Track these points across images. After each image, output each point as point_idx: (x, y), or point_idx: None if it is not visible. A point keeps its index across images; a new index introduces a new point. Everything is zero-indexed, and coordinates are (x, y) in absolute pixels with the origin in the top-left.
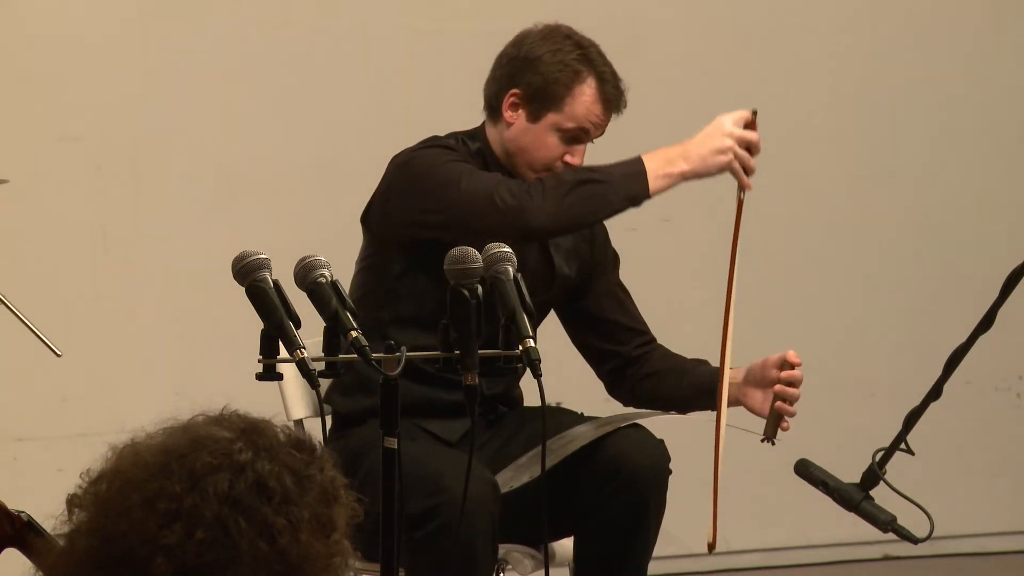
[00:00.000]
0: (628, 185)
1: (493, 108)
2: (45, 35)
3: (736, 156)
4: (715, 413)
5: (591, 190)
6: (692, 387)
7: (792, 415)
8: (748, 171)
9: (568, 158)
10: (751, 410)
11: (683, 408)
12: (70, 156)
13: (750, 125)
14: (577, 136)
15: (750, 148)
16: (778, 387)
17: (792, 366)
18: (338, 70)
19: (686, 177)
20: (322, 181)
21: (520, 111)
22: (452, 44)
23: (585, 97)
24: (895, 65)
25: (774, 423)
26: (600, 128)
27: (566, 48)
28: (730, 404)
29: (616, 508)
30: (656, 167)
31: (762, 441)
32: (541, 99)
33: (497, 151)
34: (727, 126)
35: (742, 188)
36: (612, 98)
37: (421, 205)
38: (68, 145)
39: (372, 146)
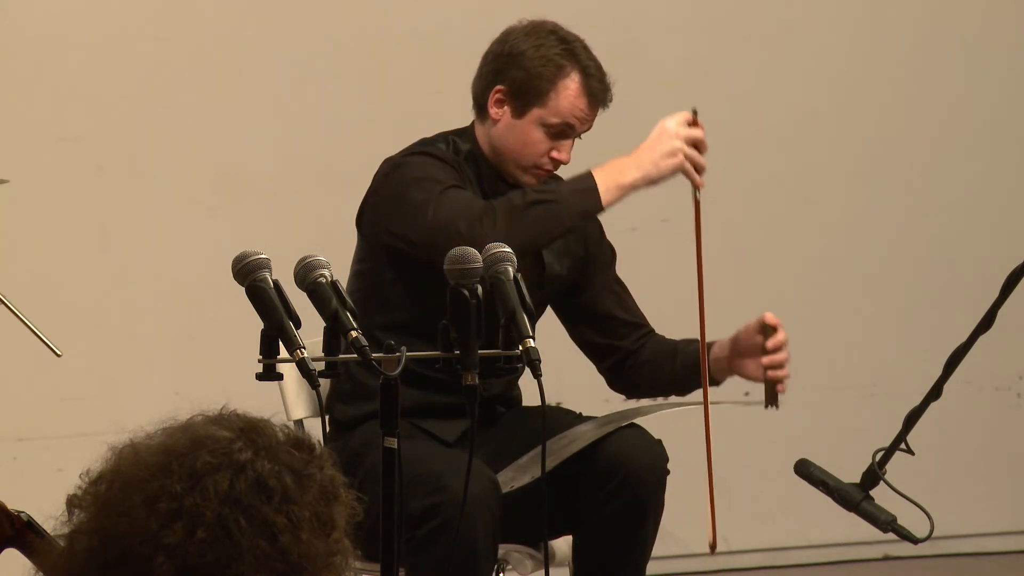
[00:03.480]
0: (580, 202)
1: (480, 106)
2: (45, 35)
3: (686, 156)
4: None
5: (543, 211)
6: (685, 367)
7: (786, 378)
8: (699, 169)
9: (555, 154)
10: (748, 378)
11: (682, 390)
12: (70, 156)
13: (693, 124)
14: (563, 131)
15: (698, 146)
16: (766, 359)
17: (774, 329)
18: (338, 70)
19: (638, 186)
20: (322, 182)
21: (505, 107)
22: (452, 45)
23: (569, 92)
24: (896, 65)
25: (771, 390)
26: (586, 123)
27: (550, 43)
28: (724, 377)
29: (614, 508)
30: (607, 180)
31: (766, 408)
32: (525, 94)
33: (485, 149)
34: (673, 128)
35: (696, 188)
36: (597, 92)
37: (397, 225)
38: (68, 145)
39: (372, 146)
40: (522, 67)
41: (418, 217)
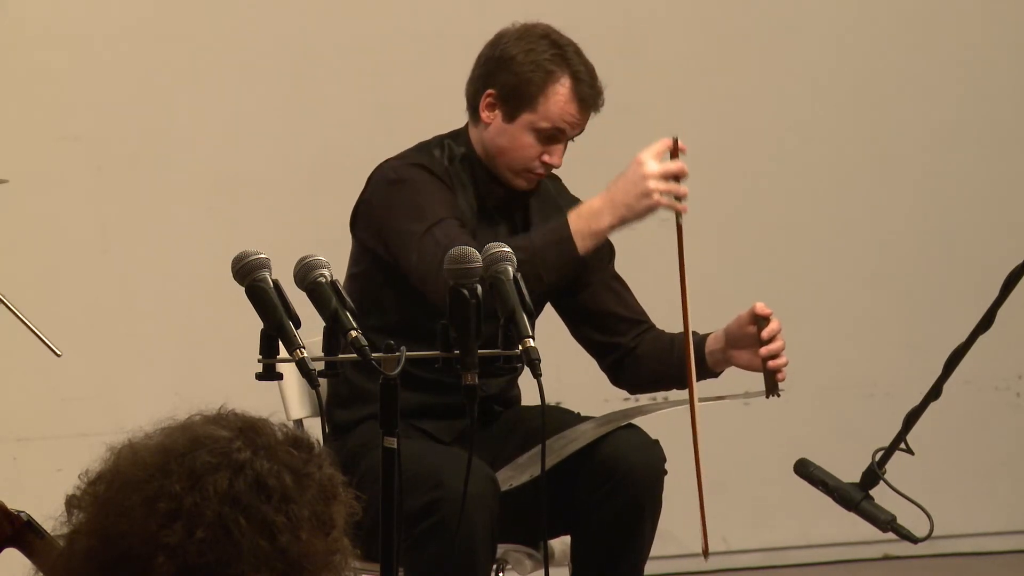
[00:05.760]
0: (555, 254)
1: (472, 108)
2: (45, 35)
3: (662, 192)
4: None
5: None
6: (682, 361)
7: (784, 365)
8: (679, 198)
9: (546, 157)
10: (745, 369)
11: (682, 383)
12: (70, 156)
13: (674, 151)
14: (553, 136)
15: (677, 176)
16: (763, 349)
17: (766, 319)
18: (338, 71)
19: (615, 228)
20: (322, 182)
21: (496, 111)
22: (451, 46)
23: (559, 97)
24: (896, 64)
25: (771, 379)
26: (577, 127)
27: (540, 48)
28: (722, 368)
29: (611, 509)
30: (582, 227)
31: (767, 397)
32: (515, 99)
33: (479, 152)
34: (646, 166)
35: (678, 214)
36: (587, 97)
37: (384, 248)
38: (68, 145)
39: (371, 147)
40: (512, 72)
41: (403, 252)
